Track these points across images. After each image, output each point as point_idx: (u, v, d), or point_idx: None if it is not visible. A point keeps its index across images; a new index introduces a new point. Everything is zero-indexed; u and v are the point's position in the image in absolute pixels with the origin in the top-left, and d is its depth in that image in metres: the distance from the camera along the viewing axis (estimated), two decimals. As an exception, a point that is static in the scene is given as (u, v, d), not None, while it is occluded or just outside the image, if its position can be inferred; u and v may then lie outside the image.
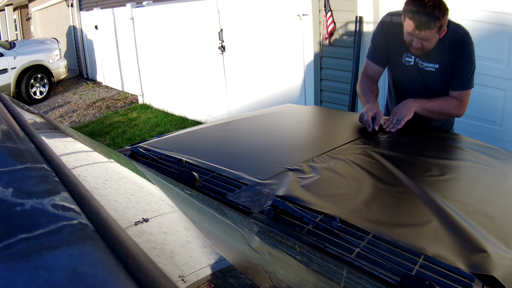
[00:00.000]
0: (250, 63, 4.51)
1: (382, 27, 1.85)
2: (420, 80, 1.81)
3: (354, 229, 0.91)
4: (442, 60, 1.73)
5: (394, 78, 1.96)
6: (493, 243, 0.89)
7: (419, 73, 1.80)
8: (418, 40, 1.63)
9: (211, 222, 0.76)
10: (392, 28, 1.79)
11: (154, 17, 5.90)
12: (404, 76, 1.87)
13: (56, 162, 0.44)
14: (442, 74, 1.76)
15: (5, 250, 0.29)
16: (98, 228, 0.33)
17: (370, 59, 1.93)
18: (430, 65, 1.75)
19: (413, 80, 1.84)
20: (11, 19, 13.63)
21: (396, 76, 1.93)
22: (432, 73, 1.77)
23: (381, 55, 1.89)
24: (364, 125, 1.66)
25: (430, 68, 1.76)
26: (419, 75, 1.80)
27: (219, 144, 1.52)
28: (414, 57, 1.78)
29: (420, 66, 1.78)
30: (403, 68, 1.84)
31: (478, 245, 0.87)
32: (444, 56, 1.71)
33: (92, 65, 8.93)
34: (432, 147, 1.60)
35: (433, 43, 1.65)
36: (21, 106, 0.82)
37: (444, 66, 1.74)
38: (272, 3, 4.06)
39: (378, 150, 1.42)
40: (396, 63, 1.86)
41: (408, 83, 1.87)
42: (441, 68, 1.75)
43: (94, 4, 8.36)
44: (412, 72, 1.82)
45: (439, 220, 0.97)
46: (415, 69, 1.80)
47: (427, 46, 1.66)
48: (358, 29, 3.31)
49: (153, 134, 5.07)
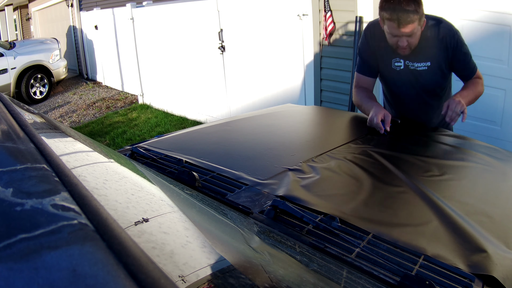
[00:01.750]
0: (250, 63, 4.51)
1: (366, 38, 1.82)
2: (414, 82, 1.79)
3: (354, 229, 0.91)
4: (433, 57, 1.70)
5: (388, 85, 1.93)
6: (493, 243, 0.89)
7: (412, 75, 1.77)
8: (404, 38, 1.61)
9: (211, 222, 0.76)
10: (376, 36, 1.76)
11: (154, 17, 5.90)
12: (397, 81, 1.84)
13: (56, 162, 0.44)
14: (435, 71, 1.74)
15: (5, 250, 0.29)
16: (98, 228, 0.33)
17: (361, 73, 1.90)
18: (421, 64, 1.73)
19: (407, 84, 1.81)
20: (11, 19, 13.63)
21: (390, 83, 1.90)
22: (425, 72, 1.74)
23: (371, 66, 1.86)
24: (375, 128, 1.64)
25: (422, 67, 1.74)
26: (412, 77, 1.78)
27: (219, 144, 1.52)
28: (403, 61, 1.75)
29: (411, 68, 1.75)
30: (395, 74, 1.81)
31: (478, 245, 0.87)
32: (436, 53, 1.69)
33: (92, 65, 8.93)
34: (432, 147, 1.60)
35: (417, 37, 1.62)
36: (21, 106, 0.82)
37: (437, 63, 1.72)
38: (272, 3, 4.06)
39: (378, 150, 1.42)
40: (387, 71, 1.83)
41: (403, 88, 1.84)
42: (434, 66, 1.72)
43: (94, 4, 8.36)
44: (405, 76, 1.79)
45: (439, 220, 0.97)
46: (407, 72, 1.77)
47: (413, 43, 1.63)
48: (358, 29, 3.31)
49: (153, 134, 5.07)
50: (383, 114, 1.65)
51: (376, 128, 1.64)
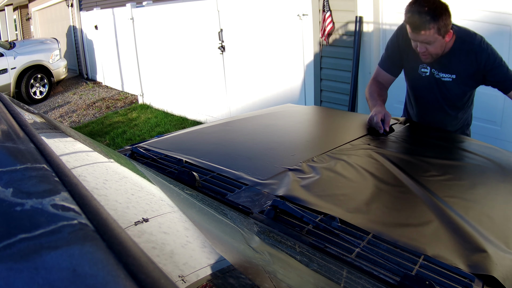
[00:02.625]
0: (250, 63, 4.51)
1: (397, 38, 1.82)
2: (437, 90, 1.79)
3: (354, 229, 0.91)
4: (459, 71, 1.70)
5: (412, 88, 1.94)
6: (493, 243, 0.89)
7: (436, 83, 1.78)
8: (422, 45, 1.61)
9: (211, 222, 0.76)
10: (408, 39, 1.74)
11: (154, 17, 5.90)
12: (421, 86, 1.85)
13: (56, 162, 0.44)
14: (459, 85, 1.73)
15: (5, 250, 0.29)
16: (98, 228, 0.33)
17: (382, 68, 1.91)
18: (447, 75, 1.73)
19: (430, 91, 1.82)
20: (11, 19, 13.63)
21: (414, 87, 1.92)
22: (449, 84, 1.74)
23: (394, 65, 1.88)
24: (375, 128, 1.65)
25: (447, 78, 1.74)
26: (435, 85, 1.78)
27: (219, 144, 1.52)
28: (429, 68, 1.76)
29: (436, 77, 1.76)
30: (420, 79, 1.82)
31: (478, 245, 0.87)
32: (462, 67, 1.68)
33: (92, 65, 8.93)
34: (432, 147, 1.60)
35: (438, 47, 1.61)
36: (21, 106, 0.82)
37: (462, 77, 1.71)
38: (272, 3, 4.06)
39: (378, 150, 1.42)
40: (413, 74, 1.85)
41: (425, 93, 1.85)
42: (458, 79, 1.72)
43: (94, 4, 8.36)
44: (429, 83, 1.80)
45: (439, 220, 0.97)
46: (431, 80, 1.78)
47: (432, 51, 1.62)
48: (358, 29, 3.31)
49: (153, 134, 5.07)
50: (383, 114, 1.66)
51: (376, 128, 1.65)
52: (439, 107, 1.84)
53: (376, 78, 1.93)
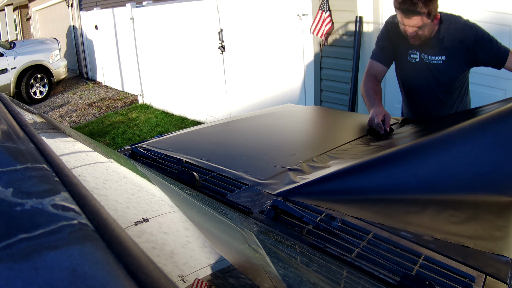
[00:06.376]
0: (250, 63, 4.51)
1: (386, 28, 1.88)
2: (429, 75, 1.82)
3: (354, 229, 0.91)
4: (449, 51, 1.73)
5: (402, 78, 1.96)
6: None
7: (427, 68, 1.80)
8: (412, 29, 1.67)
9: (211, 222, 0.76)
10: (396, 28, 1.81)
11: (154, 17, 5.90)
12: (412, 74, 1.88)
13: (56, 162, 0.44)
14: (450, 65, 1.76)
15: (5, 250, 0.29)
16: (98, 228, 0.33)
17: (375, 59, 1.94)
18: (437, 57, 1.76)
19: (422, 77, 1.84)
20: (11, 19, 13.63)
21: (405, 76, 1.94)
22: (440, 66, 1.77)
23: (385, 55, 1.91)
24: (375, 129, 1.67)
25: (437, 61, 1.77)
26: (427, 70, 1.81)
27: (219, 144, 1.52)
28: (419, 53, 1.80)
29: (426, 61, 1.79)
30: (410, 66, 1.85)
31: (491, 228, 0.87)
32: (451, 46, 1.72)
33: (92, 65, 8.93)
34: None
35: (427, 30, 1.67)
36: (21, 106, 0.82)
37: (453, 57, 1.74)
38: (272, 3, 4.06)
39: (378, 150, 1.42)
40: (403, 62, 1.88)
41: (417, 81, 1.87)
42: (449, 60, 1.75)
43: (94, 4, 8.36)
44: (419, 69, 1.82)
45: (440, 210, 0.97)
46: (422, 65, 1.81)
47: (422, 34, 1.68)
48: (358, 29, 3.31)
49: (153, 134, 5.07)
50: (383, 115, 1.67)
51: (376, 129, 1.65)
52: (431, 93, 1.85)
53: (369, 71, 1.96)
